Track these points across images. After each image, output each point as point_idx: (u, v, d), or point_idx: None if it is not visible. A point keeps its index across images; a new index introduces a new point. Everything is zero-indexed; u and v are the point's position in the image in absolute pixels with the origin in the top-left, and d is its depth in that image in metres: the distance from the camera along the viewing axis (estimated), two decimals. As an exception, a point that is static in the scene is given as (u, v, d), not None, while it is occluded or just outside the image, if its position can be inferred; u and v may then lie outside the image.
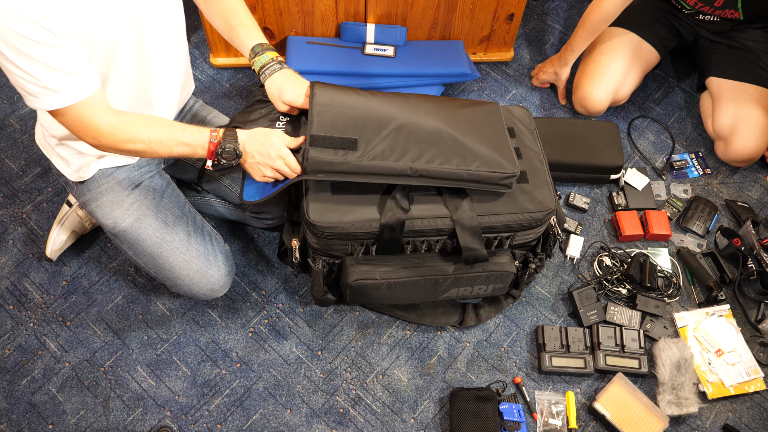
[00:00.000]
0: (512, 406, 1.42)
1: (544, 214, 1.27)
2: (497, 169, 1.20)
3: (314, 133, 1.17)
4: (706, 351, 1.52)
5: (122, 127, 1.13)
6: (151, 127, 1.16)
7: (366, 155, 1.16)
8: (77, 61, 1.02)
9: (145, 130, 1.15)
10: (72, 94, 1.03)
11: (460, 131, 1.23)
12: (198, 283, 1.38)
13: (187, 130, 1.18)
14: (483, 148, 1.22)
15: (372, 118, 1.21)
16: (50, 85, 1.01)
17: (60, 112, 1.06)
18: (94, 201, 1.32)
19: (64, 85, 1.02)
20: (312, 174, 1.18)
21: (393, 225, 1.21)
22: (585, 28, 1.77)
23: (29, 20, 0.92)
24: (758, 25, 1.80)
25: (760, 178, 1.84)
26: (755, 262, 1.61)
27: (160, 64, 1.24)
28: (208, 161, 1.21)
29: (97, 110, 1.09)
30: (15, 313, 1.54)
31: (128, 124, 1.14)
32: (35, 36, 0.94)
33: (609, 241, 1.71)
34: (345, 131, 1.18)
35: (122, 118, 1.14)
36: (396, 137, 1.19)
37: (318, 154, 1.15)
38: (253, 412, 1.44)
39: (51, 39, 0.96)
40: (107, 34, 1.07)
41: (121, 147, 1.15)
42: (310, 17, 1.81)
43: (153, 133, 1.16)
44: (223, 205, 1.58)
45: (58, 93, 1.02)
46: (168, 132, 1.17)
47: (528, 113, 1.43)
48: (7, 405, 1.42)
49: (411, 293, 1.35)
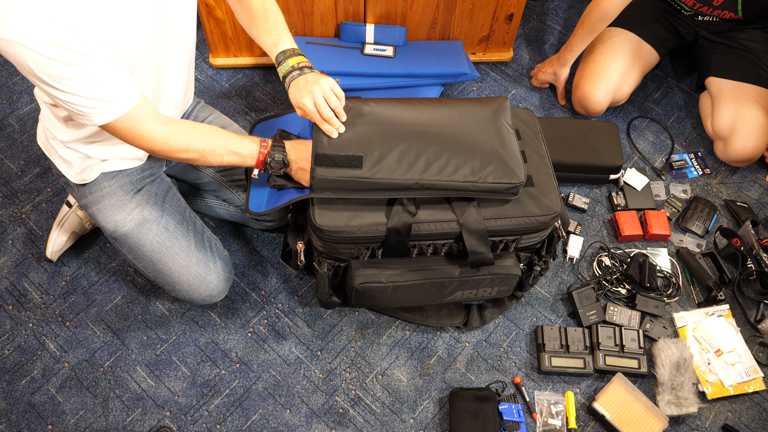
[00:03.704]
0: (512, 406, 1.42)
1: (549, 218, 1.26)
2: (503, 180, 1.20)
3: (319, 152, 1.17)
4: (706, 351, 1.52)
5: (176, 137, 1.15)
6: (205, 136, 1.19)
7: (372, 171, 1.17)
8: (113, 76, 1.04)
9: (199, 139, 1.18)
10: (115, 107, 1.05)
11: (466, 140, 1.22)
12: (197, 289, 1.39)
13: (238, 140, 1.21)
14: (489, 158, 1.21)
15: (377, 132, 1.20)
16: (93, 104, 1.03)
17: (111, 127, 1.09)
18: (95, 204, 1.32)
19: (106, 100, 1.04)
20: (319, 192, 1.19)
21: (400, 229, 1.21)
22: (584, 28, 1.77)
23: (64, 48, 0.94)
24: (758, 25, 1.80)
25: (759, 178, 1.84)
26: (754, 262, 1.61)
27: (173, 74, 1.25)
28: (255, 170, 1.24)
29: (147, 120, 1.11)
30: (14, 313, 1.54)
31: (182, 133, 1.17)
32: (72, 61, 0.96)
33: (608, 241, 1.71)
34: (350, 148, 1.18)
35: (175, 127, 1.16)
36: (402, 151, 1.19)
37: (324, 173, 1.16)
38: (253, 412, 1.44)
39: (86, 61, 0.98)
40: (131, 48, 1.08)
41: (175, 155, 1.17)
42: (309, 17, 1.81)
43: (206, 142, 1.18)
44: (223, 206, 1.58)
45: (102, 109, 1.04)
46: (220, 141, 1.20)
47: (533, 115, 1.42)
48: (7, 405, 1.42)
49: (416, 296, 1.35)
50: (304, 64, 1.22)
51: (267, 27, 1.25)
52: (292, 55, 1.22)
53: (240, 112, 1.89)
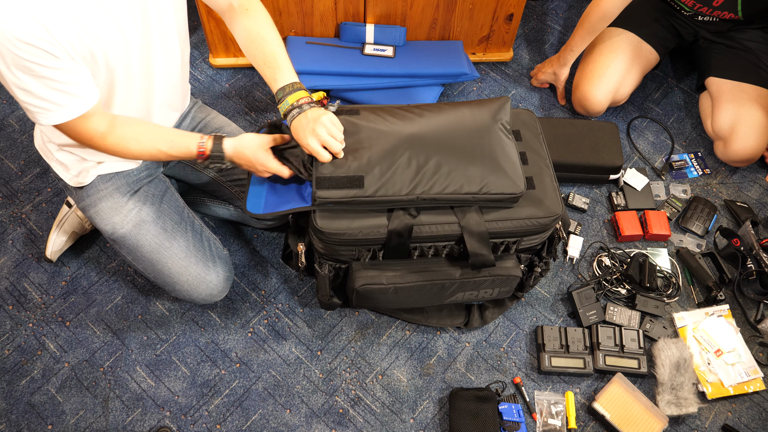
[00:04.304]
0: (512, 406, 1.42)
1: (550, 220, 1.26)
2: (504, 190, 1.20)
3: (319, 175, 1.17)
4: (706, 351, 1.52)
5: (120, 132, 1.17)
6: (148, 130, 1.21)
7: (373, 190, 1.17)
8: (78, 79, 1.04)
9: (143, 135, 1.20)
10: (70, 110, 1.06)
11: (465, 150, 1.22)
12: (197, 289, 1.39)
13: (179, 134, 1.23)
14: (489, 168, 1.21)
15: (376, 150, 1.20)
16: (49, 106, 1.04)
17: (59, 126, 1.10)
18: (92, 207, 1.32)
19: (63, 103, 1.05)
20: (321, 206, 1.20)
21: (401, 231, 1.21)
22: (584, 28, 1.77)
23: (33, 46, 0.95)
24: (757, 26, 1.80)
25: (759, 178, 1.84)
26: (754, 262, 1.61)
27: (165, 78, 1.25)
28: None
29: (94, 120, 1.12)
30: (14, 313, 1.54)
31: (126, 127, 1.18)
32: (38, 59, 0.97)
33: (608, 241, 1.71)
34: (350, 168, 1.18)
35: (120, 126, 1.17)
36: (401, 167, 1.19)
37: (325, 195, 1.17)
38: (253, 412, 1.44)
39: (53, 61, 0.98)
40: (113, 52, 1.09)
41: (121, 151, 1.18)
42: (309, 17, 1.81)
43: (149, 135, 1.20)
44: (223, 206, 1.58)
45: (57, 111, 1.05)
46: (163, 136, 1.22)
47: (533, 116, 1.42)
48: (7, 405, 1.42)
49: (417, 297, 1.35)
50: (303, 101, 1.19)
51: (265, 59, 1.22)
52: (291, 91, 1.19)
53: (240, 112, 1.89)
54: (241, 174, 1.50)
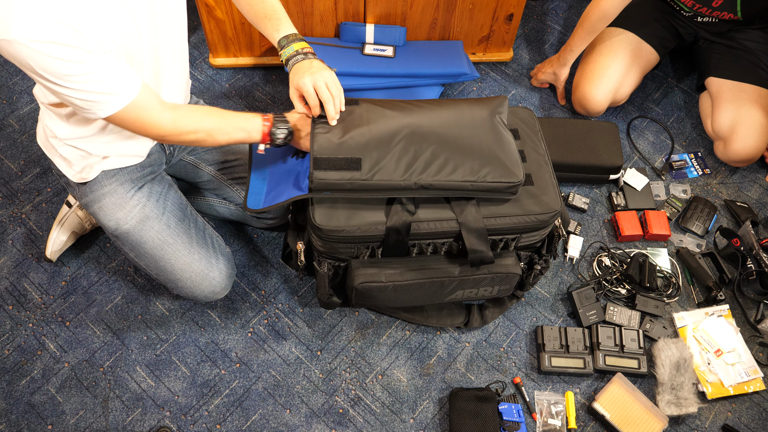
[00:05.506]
0: (511, 407, 1.42)
1: (549, 216, 1.26)
2: (502, 179, 1.20)
3: (317, 155, 1.17)
4: (706, 351, 1.52)
5: (183, 120, 1.17)
6: (210, 116, 1.21)
7: (371, 174, 1.17)
8: (114, 68, 1.04)
9: (204, 119, 1.20)
10: (119, 98, 1.06)
11: (464, 140, 1.22)
12: (200, 286, 1.39)
13: (242, 116, 1.23)
14: (487, 157, 1.21)
15: (375, 134, 1.20)
16: (97, 97, 1.03)
17: (117, 118, 1.09)
18: (96, 202, 1.32)
19: (110, 93, 1.04)
20: (318, 192, 1.19)
21: (399, 228, 1.21)
22: (584, 28, 1.77)
23: (64, 45, 0.95)
24: (757, 26, 1.80)
25: (759, 178, 1.84)
26: (754, 262, 1.61)
27: (171, 65, 1.26)
28: (261, 146, 1.26)
29: (153, 108, 1.12)
30: (14, 313, 1.54)
31: (187, 116, 1.19)
32: (73, 57, 0.97)
33: (608, 241, 1.71)
34: (348, 151, 1.18)
35: (180, 111, 1.18)
36: (400, 153, 1.19)
37: (322, 176, 1.16)
38: (253, 412, 1.44)
39: (87, 56, 0.99)
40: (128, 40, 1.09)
41: (184, 138, 1.19)
42: (309, 17, 1.81)
43: (212, 121, 1.21)
44: (223, 205, 1.58)
45: (106, 102, 1.05)
46: (225, 119, 1.22)
47: (532, 114, 1.43)
48: (7, 405, 1.42)
49: (417, 295, 1.35)
50: (308, 50, 1.22)
51: (266, 12, 1.25)
52: (296, 40, 1.23)
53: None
54: (241, 172, 1.50)
